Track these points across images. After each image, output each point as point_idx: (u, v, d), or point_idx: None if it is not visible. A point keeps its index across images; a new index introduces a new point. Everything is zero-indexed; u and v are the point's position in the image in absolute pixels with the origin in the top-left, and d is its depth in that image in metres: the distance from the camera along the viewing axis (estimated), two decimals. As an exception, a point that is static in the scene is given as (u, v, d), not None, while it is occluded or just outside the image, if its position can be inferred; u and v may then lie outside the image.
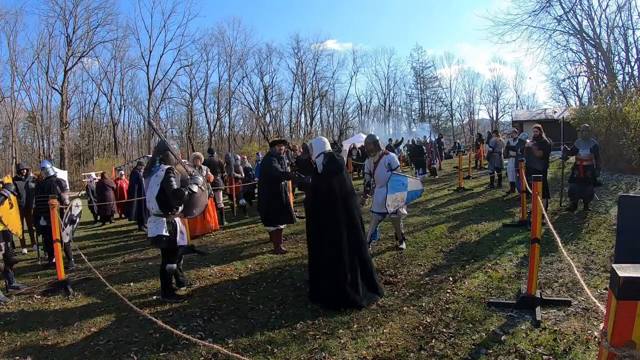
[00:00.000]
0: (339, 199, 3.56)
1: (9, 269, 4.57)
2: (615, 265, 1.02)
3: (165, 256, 3.83)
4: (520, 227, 5.76)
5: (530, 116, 23.86)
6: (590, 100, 22.83)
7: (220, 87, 41.19)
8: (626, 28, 21.62)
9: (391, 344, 2.75)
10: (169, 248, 3.73)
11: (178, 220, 3.80)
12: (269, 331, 3.09)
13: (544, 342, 2.61)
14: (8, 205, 4.48)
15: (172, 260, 3.81)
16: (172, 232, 3.68)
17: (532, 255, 3.08)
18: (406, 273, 4.19)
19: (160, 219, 3.65)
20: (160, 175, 3.56)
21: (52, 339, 3.21)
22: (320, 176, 3.73)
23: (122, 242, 7.41)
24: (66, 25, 33.55)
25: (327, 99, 45.16)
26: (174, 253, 3.84)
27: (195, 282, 4.39)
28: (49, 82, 33.84)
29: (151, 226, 3.70)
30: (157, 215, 3.66)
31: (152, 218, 3.71)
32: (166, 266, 3.79)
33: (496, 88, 43.23)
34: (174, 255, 3.84)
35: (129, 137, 41.24)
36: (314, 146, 3.95)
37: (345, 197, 3.60)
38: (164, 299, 3.84)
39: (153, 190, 3.62)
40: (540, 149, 6.40)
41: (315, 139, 4.07)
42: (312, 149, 3.97)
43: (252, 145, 34.19)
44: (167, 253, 3.80)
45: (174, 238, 3.70)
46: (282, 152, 5.69)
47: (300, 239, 6.06)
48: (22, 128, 35.59)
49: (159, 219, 3.65)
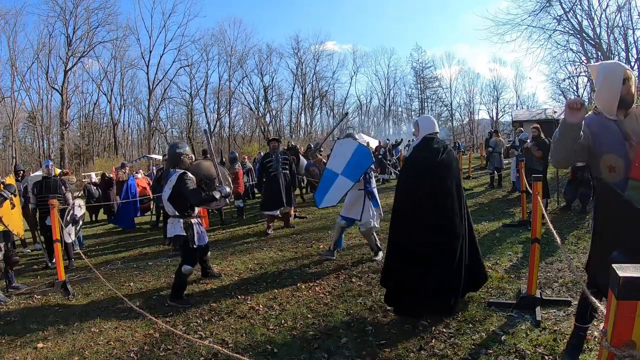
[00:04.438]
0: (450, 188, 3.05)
1: (9, 269, 4.57)
2: (615, 265, 1.02)
3: (183, 257, 3.88)
4: (520, 227, 5.76)
5: (530, 116, 23.83)
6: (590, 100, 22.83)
7: (220, 87, 41.21)
8: (626, 28, 21.61)
9: (391, 344, 2.75)
10: (185, 248, 3.82)
11: (195, 222, 3.88)
12: (269, 331, 3.09)
13: (544, 342, 2.61)
14: (9, 205, 4.48)
15: (189, 262, 3.82)
16: (189, 233, 3.78)
17: (532, 255, 3.08)
18: (406, 273, 4.18)
19: (177, 220, 3.80)
20: (173, 180, 3.70)
21: (52, 339, 3.21)
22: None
23: (122, 242, 7.41)
24: (66, 25, 33.60)
25: (327, 99, 45.19)
26: (192, 254, 3.86)
27: (220, 274, 4.52)
28: (49, 82, 33.87)
29: (169, 227, 3.87)
30: (174, 217, 3.83)
31: (170, 219, 3.89)
32: (182, 267, 3.79)
33: (496, 88, 43.21)
34: (191, 257, 3.86)
35: (129, 137, 41.25)
36: (420, 126, 3.25)
37: (458, 186, 3.11)
38: (170, 301, 3.79)
39: (166, 194, 3.78)
40: (540, 149, 6.40)
41: (422, 117, 3.39)
42: (418, 130, 3.26)
43: (252, 146, 34.20)
44: (184, 253, 3.88)
45: (191, 238, 3.79)
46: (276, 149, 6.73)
47: (300, 239, 6.07)
48: (22, 128, 35.63)
49: (176, 220, 3.81)
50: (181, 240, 3.79)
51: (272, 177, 6.65)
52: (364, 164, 4.47)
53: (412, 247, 3.03)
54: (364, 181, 4.51)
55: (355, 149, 4.57)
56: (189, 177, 3.71)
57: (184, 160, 3.86)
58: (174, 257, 5.66)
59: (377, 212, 4.61)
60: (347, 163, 4.53)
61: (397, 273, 3.13)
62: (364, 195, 4.51)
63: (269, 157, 6.75)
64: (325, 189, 4.69)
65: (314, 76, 43.93)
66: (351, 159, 4.52)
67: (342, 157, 4.61)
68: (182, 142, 4.11)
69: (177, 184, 3.66)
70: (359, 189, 4.52)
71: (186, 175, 3.71)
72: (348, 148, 4.62)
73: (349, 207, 4.62)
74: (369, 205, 4.51)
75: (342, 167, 4.56)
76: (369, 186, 4.56)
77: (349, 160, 4.53)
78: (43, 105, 34.58)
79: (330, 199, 4.68)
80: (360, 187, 4.52)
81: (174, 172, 3.76)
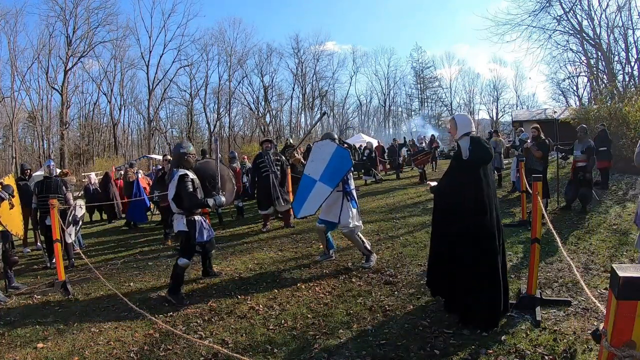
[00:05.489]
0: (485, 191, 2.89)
1: (8, 269, 4.57)
2: (615, 265, 1.02)
3: (180, 250, 4.02)
4: (520, 227, 5.75)
5: (530, 116, 23.83)
6: (590, 100, 22.84)
7: (220, 87, 41.26)
8: (626, 28, 21.62)
9: (391, 344, 2.75)
10: (186, 242, 3.96)
11: (198, 218, 4.00)
12: (269, 331, 3.09)
13: (544, 342, 2.61)
14: (7, 205, 4.48)
15: (186, 255, 3.93)
16: (191, 229, 3.91)
17: (532, 255, 3.08)
18: (406, 273, 4.18)
19: (180, 217, 3.95)
20: (175, 179, 3.85)
21: (52, 339, 3.21)
22: (466, 163, 2.94)
23: (122, 242, 7.41)
24: (66, 25, 33.63)
25: (327, 99, 45.20)
26: (190, 249, 3.98)
27: (220, 273, 4.55)
28: (49, 82, 33.90)
29: (174, 223, 4.05)
30: (178, 214, 3.97)
31: (175, 216, 4.04)
32: (179, 259, 3.90)
33: (496, 88, 43.29)
34: (189, 251, 3.97)
35: (128, 137, 41.28)
36: (457, 124, 3.06)
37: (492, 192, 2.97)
38: (168, 296, 3.84)
39: (170, 193, 3.90)
40: (540, 149, 6.40)
41: (459, 115, 3.20)
42: (455, 128, 3.06)
43: (252, 146, 34.21)
44: (182, 247, 4.01)
45: (192, 234, 3.91)
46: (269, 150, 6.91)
47: (300, 239, 6.07)
48: (22, 128, 35.69)
49: (179, 217, 3.97)
50: (183, 236, 3.94)
51: (264, 177, 6.82)
52: (343, 168, 4.30)
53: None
54: (342, 182, 4.35)
55: (334, 151, 4.38)
56: (189, 178, 3.85)
57: (188, 160, 3.98)
58: (174, 257, 5.67)
59: (356, 213, 4.45)
60: (326, 167, 4.37)
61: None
62: (342, 197, 4.36)
63: (262, 158, 6.93)
64: (303, 197, 4.50)
65: (314, 76, 44.02)
66: (330, 163, 4.36)
67: (320, 162, 4.43)
68: (186, 142, 4.20)
69: (178, 184, 3.80)
70: (338, 190, 4.37)
71: (186, 176, 3.84)
72: (326, 151, 4.44)
73: (327, 210, 4.44)
74: (347, 207, 4.34)
75: (320, 173, 4.39)
76: (348, 187, 4.41)
77: (327, 163, 4.36)
78: (43, 105, 34.64)
79: (308, 208, 4.48)
80: (338, 189, 4.36)
81: (176, 172, 3.88)
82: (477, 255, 2.83)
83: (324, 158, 4.43)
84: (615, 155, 10.17)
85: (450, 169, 3.11)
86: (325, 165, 4.39)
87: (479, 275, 2.81)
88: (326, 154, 4.44)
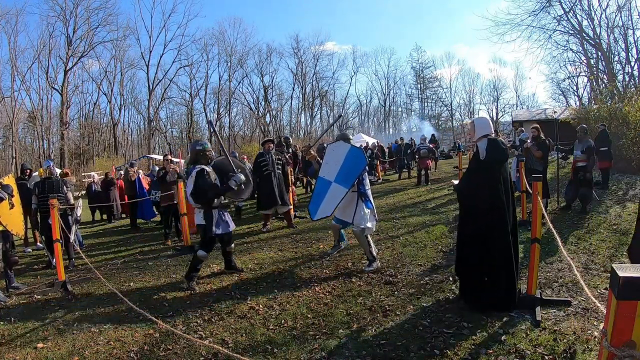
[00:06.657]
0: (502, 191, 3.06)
1: (8, 269, 4.57)
2: (615, 265, 1.03)
3: (200, 242, 4.26)
4: (520, 227, 5.73)
5: (530, 116, 23.82)
6: (590, 100, 22.83)
7: (220, 87, 41.30)
8: (626, 28, 21.64)
9: (391, 344, 2.75)
10: (204, 235, 4.19)
11: (216, 212, 4.18)
12: (269, 331, 3.09)
13: (544, 342, 2.61)
14: (7, 205, 4.48)
15: (204, 248, 4.17)
16: (208, 222, 4.11)
17: (532, 255, 3.08)
18: (406, 273, 4.19)
19: (199, 211, 4.18)
20: (193, 175, 4.04)
21: (52, 339, 3.21)
22: (483, 164, 3.13)
23: (122, 242, 7.41)
24: (66, 25, 33.66)
25: (327, 99, 45.21)
26: (209, 241, 4.19)
27: (242, 269, 4.64)
28: (49, 82, 33.92)
29: (195, 217, 4.32)
30: (197, 208, 4.21)
31: (196, 211, 4.28)
32: (198, 251, 4.17)
33: (496, 88, 43.34)
34: (208, 244, 4.19)
35: (129, 137, 41.29)
36: (476, 126, 3.27)
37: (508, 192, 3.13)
38: (184, 278, 4.23)
39: (188, 189, 4.10)
40: (540, 149, 6.40)
41: (478, 118, 3.39)
42: (474, 130, 3.28)
43: (252, 145, 34.21)
44: (202, 239, 4.25)
45: (209, 227, 4.10)
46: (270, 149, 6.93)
47: (300, 239, 6.07)
48: (22, 128, 35.66)
49: (198, 211, 4.20)
50: (202, 228, 4.17)
51: (265, 177, 6.79)
52: (358, 167, 4.32)
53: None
54: (357, 183, 4.38)
55: (348, 151, 4.42)
56: (207, 172, 4.07)
57: (205, 156, 4.18)
58: (174, 257, 5.67)
59: (370, 214, 4.47)
60: (340, 168, 4.39)
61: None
62: (357, 197, 4.39)
63: (263, 157, 6.91)
64: (319, 198, 4.53)
65: (314, 76, 44.02)
66: (344, 163, 4.38)
67: (334, 164, 4.46)
68: (202, 140, 4.36)
69: (197, 179, 3.98)
70: (353, 191, 4.40)
71: (205, 170, 4.05)
72: (340, 152, 4.47)
73: (342, 209, 4.47)
74: (361, 207, 4.38)
75: (334, 174, 4.41)
76: (362, 188, 4.43)
77: (342, 164, 4.39)
78: (43, 105, 34.66)
79: (325, 210, 4.46)
80: (353, 189, 4.39)
81: (194, 168, 4.06)
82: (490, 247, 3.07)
83: (338, 159, 4.47)
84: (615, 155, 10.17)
85: (469, 168, 3.38)
86: (340, 166, 4.43)
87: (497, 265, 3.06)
88: (340, 155, 4.48)
